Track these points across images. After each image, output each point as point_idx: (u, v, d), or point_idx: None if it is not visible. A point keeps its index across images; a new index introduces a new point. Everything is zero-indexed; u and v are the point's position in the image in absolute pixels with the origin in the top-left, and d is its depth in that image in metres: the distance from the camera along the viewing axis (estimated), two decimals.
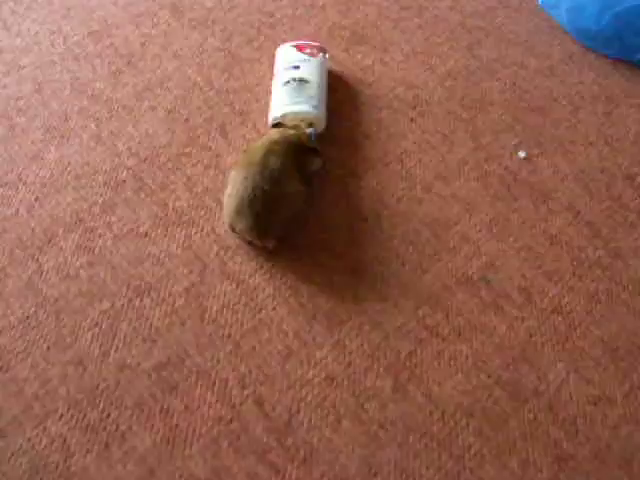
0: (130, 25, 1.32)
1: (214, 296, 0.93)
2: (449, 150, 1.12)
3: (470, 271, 0.97)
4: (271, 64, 1.21)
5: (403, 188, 1.06)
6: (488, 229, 1.02)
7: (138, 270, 0.96)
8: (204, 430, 0.82)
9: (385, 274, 0.96)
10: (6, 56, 1.25)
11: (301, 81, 1.13)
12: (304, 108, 1.09)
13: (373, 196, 1.05)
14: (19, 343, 0.89)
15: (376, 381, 0.87)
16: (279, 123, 1.05)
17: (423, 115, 1.17)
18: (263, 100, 1.17)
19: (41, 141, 1.12)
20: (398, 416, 0.84)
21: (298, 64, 1.16)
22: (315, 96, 1.12)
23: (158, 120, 1.14)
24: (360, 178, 1.07)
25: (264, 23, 1.33)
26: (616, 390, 0.87)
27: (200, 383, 0.86)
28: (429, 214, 1.03)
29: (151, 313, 0.92)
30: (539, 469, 0.81)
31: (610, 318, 0.94)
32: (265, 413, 0.83)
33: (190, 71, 1.23)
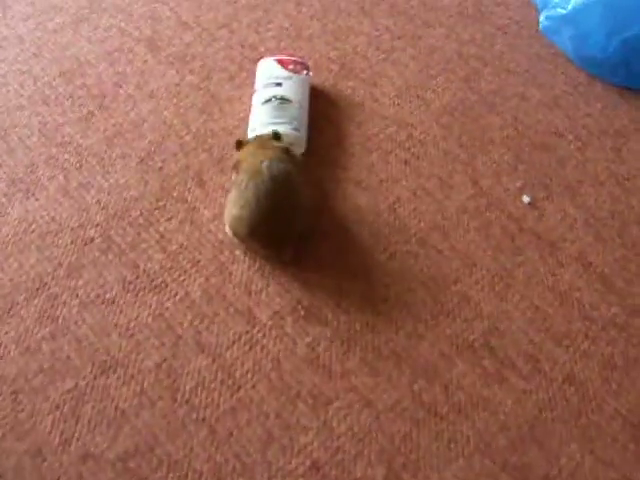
0: (104, 63, 1.24)
1: (188, 373, 0.84)
2: (447, 196, 1.03)
3: (471, 337, 0.88)
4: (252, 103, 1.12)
5: (396, 242, 0.97)
6: (490, 287, 0.93)
7: (104, 343, 0.87)
8: None
9: (377, 343, 0.87)
10: None
11: (283, 100, 1.06)
12: (285, 129, 1.03)
13: (363, 252, 0.96)
14: None
15: (367, 470, 0.77)
16: (240, 142, 0.98)
17: (418, 157, 1.08)
18: None
19: (5, 195, 1.03)
20: None
21: (280, 81, 1.10)
22: (297, 117, 1.06)
23: (130, 169, 1.06)
24: (348, 231, 0.98)
25: (246, 57, 1.24)
26: (639, 473, 0.78)
27: (171, 475, 0.77)
28: (425, 271, 0.94)
29: (117, 393, 0.83)
30: None
31: (628, 387, 0.84)
32: None
33: (166, 113, 1.14)
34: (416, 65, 1.24)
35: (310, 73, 1.16)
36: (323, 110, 1.14)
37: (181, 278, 0.93)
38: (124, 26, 1.31)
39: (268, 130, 1.00)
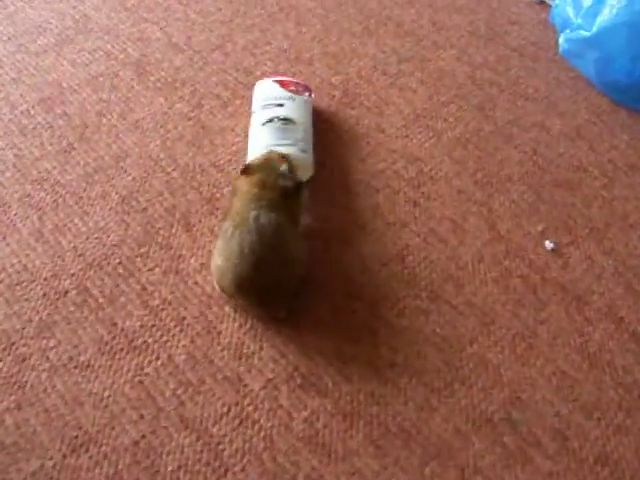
0: (87, 89, 1.14)
1: (169, 452, 0.74)
2: (461, 242, 0.93)
3: (490, 408, 0.78)
4: (247, 134, 1.02)
5: (405, 296, 0.87)
6: (511, 349, 0.83)
7: (76, 415, 0.77)
8: None
9: (383, 417, 0.76)
10: None
11: (286, 120, 0.97)
12: (291, 151, 0.93)
13: (367, 308, 0.86)
14: None
15: None
16: (247, 169, 0.86)
17: (428, 197, 0.98)
18: None
19: None
20: None
21: (282, 102, 1.01)
22: (303, 139, 0.97)
23: (110, 210, 0.96)
24: (351, 284, 0.88)
25: (240, 83, 1.15)
26: None
27: None
28: (438, 331, 0.84)
29: (89, 476, 0.73)
30: None
31: None
32: None
33: (152, 145, 1.05)
34: (425, 91, 1.15)
35: (312, 95, 1.07)
36: (324, 142, 1.04)
37: (163, 339, 0.83)
38: (110, 48, 1.22)
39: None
